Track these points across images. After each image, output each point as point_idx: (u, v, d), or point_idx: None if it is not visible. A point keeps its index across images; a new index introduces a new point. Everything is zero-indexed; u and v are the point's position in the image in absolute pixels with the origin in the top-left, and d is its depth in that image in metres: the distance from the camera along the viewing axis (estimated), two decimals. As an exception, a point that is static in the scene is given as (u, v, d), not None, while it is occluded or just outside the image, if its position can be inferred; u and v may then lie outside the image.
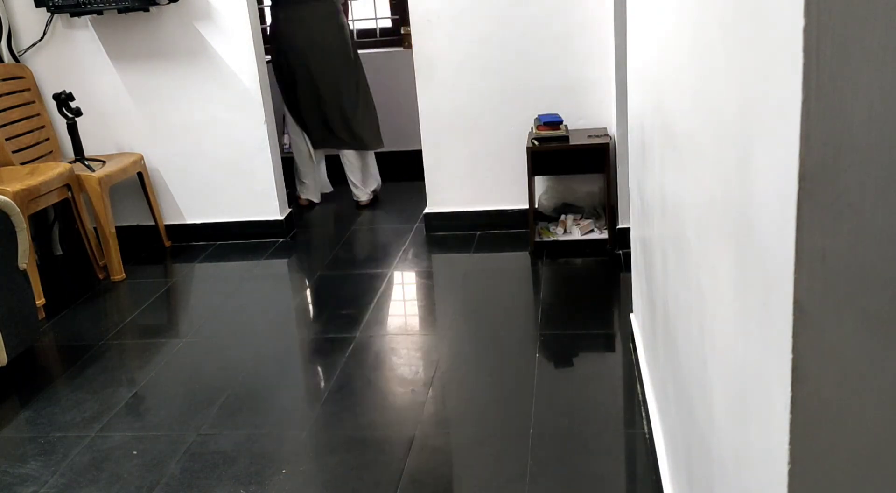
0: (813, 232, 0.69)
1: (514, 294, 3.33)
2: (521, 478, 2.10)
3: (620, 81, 3.30)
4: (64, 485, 2.24)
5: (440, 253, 3.81)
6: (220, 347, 3.00)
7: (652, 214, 2.00)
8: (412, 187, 4.41)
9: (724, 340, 1.09)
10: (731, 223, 0.99)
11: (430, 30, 3.72)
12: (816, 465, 0.75)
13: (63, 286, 3.74)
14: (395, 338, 3.00)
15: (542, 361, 2.70)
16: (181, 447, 2.37)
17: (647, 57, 1.97)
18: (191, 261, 3.94)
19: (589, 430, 2.30)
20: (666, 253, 1.75)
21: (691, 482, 1.52)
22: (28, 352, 3.02)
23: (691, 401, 1.46)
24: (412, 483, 2.13)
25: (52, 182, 3.44)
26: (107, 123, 4.02)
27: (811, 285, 0.70)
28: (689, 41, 1.28)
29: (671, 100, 1.54)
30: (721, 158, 1.04)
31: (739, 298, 0.96)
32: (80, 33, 3.91)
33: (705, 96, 1.15)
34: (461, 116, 3.81)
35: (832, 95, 0.65)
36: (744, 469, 0.99)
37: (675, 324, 1.66)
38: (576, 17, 3.59)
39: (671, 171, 1.60)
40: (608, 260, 3.50)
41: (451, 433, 2.38)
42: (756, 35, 0.81)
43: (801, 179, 0.68)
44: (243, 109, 3.91)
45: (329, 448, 2.33)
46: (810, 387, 0.73)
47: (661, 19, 1.64)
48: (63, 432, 2.50)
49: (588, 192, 3.78)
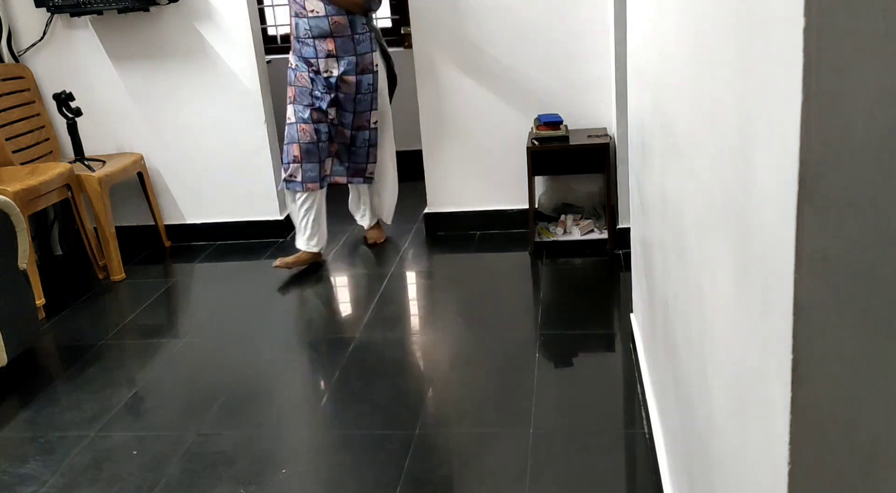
0: (813, 232, 0.69)
1: (514, 294, 3.33)
2: (521, 478, 2.10)
3: (620, 81, 3.30)
4: (64, 485, 2.24)
5: (440, 253, 3.81)
6: (220, 347, 3.00)
7: (652, 214, 2.00)
8: (412, 187, 4.41)
9: (724, 340, 1.09)
10: (731, 223, 0.99)
11: (430, 30, 3.72)
12: (816, 465, 0.75)
13: (63, 286, 3.74)
14: (395, 338, 3.00)
15: (542, 361, 2.70)
16: (181, 447, 2.37)
17: (647, 57, 1.97)
18: (191, 261, 3.94)
19: (589, 430, 2.29)
20: (666, 253, 1.75)
21: (691, 482, 1.52)
22: (28, 352, 3.02)
23: (691, 401, 1.46)
24: (412, 483, 2.13)
25: (52, 182, 3.44)
26: (107, 123, 4.02)
27: (811, 285, 0.70)
28: (690, 41, 1.27)
29: (671, 100, 1.54)
30: (721, 158, 1.04)
31: (739, 298, 0.96)
32: (80, 33, 3.91)
33: (705, 96, 1.15)
34: (461, 116, 3.81)
35: (832, 95, 0.65)
36: (744, 469, 0.99)
37: (675, 324, 1.66)
38: (576, 17, 3.59)
39: (671, 171, 1.60)
40: (608, 260, 3.50)
41: (451, 433, 2.38)
42: (756, 35, 0.81)
43: (801, 179, 0.68)
44: (243, 109, 3.91)
45: (329, 448, 2.33)
46: (810, 387, 0.73)
47: (662, 19, 1.64)
48: (63, 432, 2.50)
49: (588, 192, 3.78)
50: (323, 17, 3.32)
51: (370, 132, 3.59)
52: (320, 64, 3.40)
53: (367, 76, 3.46)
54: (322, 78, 3.42)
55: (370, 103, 3.52)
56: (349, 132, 3.57)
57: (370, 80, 3.48)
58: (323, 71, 3.41)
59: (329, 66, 3.40)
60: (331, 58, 3.39)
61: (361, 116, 3.53)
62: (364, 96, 3.49)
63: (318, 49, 3.38)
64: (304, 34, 3.38)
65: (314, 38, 3.36)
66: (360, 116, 3.54)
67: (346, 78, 3.42)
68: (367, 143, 3.62)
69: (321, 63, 3.40)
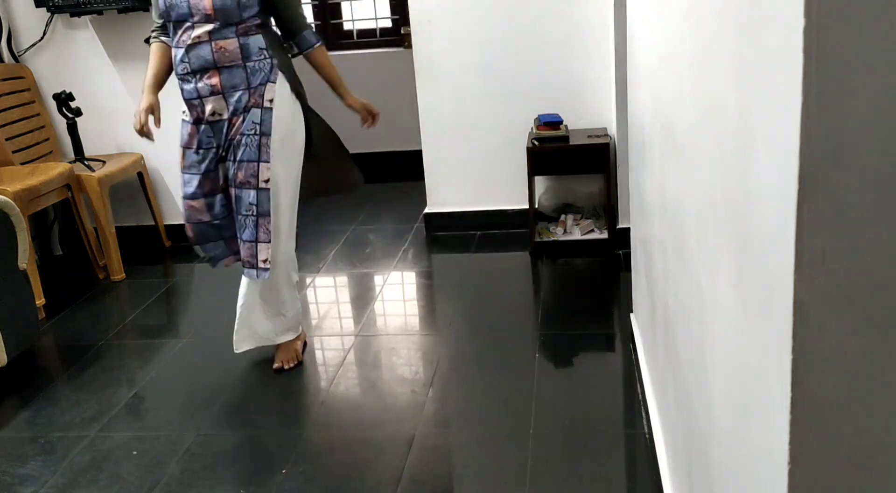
0: (813, 232, 0.69)
1: (514, 294, 3.33)
2: (521, 478, 2.10)
3: (620, 81, 3.30)
4: (64, 485, 2.24)
5: (440, 253, 3.81)
6: (221, 347, 3.00)
7: (652, 214, 2.00)
8: (412, 187, 4.41)
9: (724, 340, 1.09)
10: (731, 223, 0.99)
11: (430, 30, 3.71)
12: (816, 465, 0.75)
13: (63, 286, 3.74)
14: (395, 338, 3.00)
15: (542, 361, 2.70)
16: (181, 447, 2.37)
17: (647, 57, 1.97)
18: (191, 261, 3.94)
19: (589, 430, 2.29)
20: (666, 253, 1.75)
21: (691, 482, 1.52)
22: (28, 352, 3.02)
23: (691, 401, 1.46)
24: (412, 483, 2.13)
25: (52, 182, 3.44)
26: (107, 123, 4.02)
27: (811, 286, 0.70)
28: (690, 41, 1.27)
29: (671, 100, 1.54)
30: (721, 158, 1.04)
31: (739, 298, 0.96)
32: (80, 33, 3.91)
33: (705, 96, 1.15)
34: (461, 116, 3.81)
35: (832, 95, 0.65)
36: (744, 469, 0.99)
37: (675, 324, 1.66)
38: (576, 17, 3.59)
39: (671, 171, 1.60)
40: (608, 260, 3.50)
41: (451, 432, 2.38)
42: (756, 35, 0.81)
43: (801, 179, 0.68)
44: (243, 109, 3.91)
45: (329, 448, 2.33)
46: (810, 387, 0.73)
47: (662, 19, 1.64)
48: (63, 432, 2.50)
49: (588, 192, 3.78)
50: (205, 42, 2.45)
51: (258, 193, 2.53)
52: (205, 105, 2.53)
53: (254, 113, 2.50)
54: (206, 125, 2.56)
55: (257, 152, 2.51)
56: (233, 190, 2.59)
57: (257, 119, 2.50)
58: (208, 115, 2.54)
59: (214, 105, 2.52)
60: (215, 95, 2.50)
61: (245, 166, 2.53)
62: (248, 139, 2.51)
63: (200, 87, 2.51)
64: (181, 70, 2.52)
65: (194, 72, 2.50)
66: (244, 168, 2.53)
67: (234, 119, 2.53)
68: (255, 209, 2.55)
69: (205, 104, 2.52)
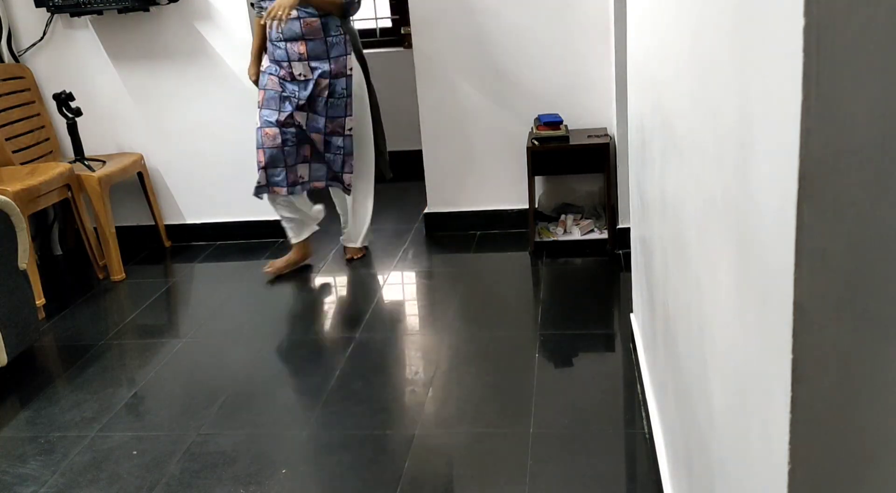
0: (813, 232, 0.69)
1: (514, 294, 3.33)
2: (521, 478, 2.10)
3: (620, 81, 3.30)
4: (64, 485, 2.24)
5: (440, 253, 3.81)
6: (220, 347, 3.00)
7: (652, 213, 2.00)
8: (412, 187, 4.41)
9: (724, 340, 1.09)
10: (731, 223, 0.99)
11: (430, 30, 3.72)
12: (816, 465, 0.75)
13: (63, 286, 3.74)
14: (394, 338, 3.00)
15: (542, 361, 2.70)
16: (181, 447, 2.37)
17: (647, 57, 1.97)
18: (191, 261, 3.94)
19: (589, 430, 2.29)
20: (666, 253, 1.75)
21: (691, 482, 1.52)
22: (28, 352, 3.02)
23: (691, 401, 1.46)
24: (412, 483, 2.13)
25: (52, 182, 3.44)
26: (107, 123, 4.02)
27: (811, 285, 0.70)
28: (689, 41, 1.27)
29: (671, 100, 1.54)
30: (721, 158, 1.04)
31: (739, 298, 0.96)
32: (80, 33, 3.91)
33: (705, 96, 1.15)
34: (461, 116, 3.81)
35: (832, 95, 0.65)
36: (744, 469, 0.99)
37: (675, 324, 1.66)
38: (576, 17, 3.59)
39: (671, 170, 1.60)
40: (608, 260, 3.50)
41: (451, 432, 2.38)
42: (756, 35, 0.81)
43: (801, 179, 0.68)
44: (243, 109, 3.91)
45: (329, 448, 2.33)
46: (810, 387, 0.73)
47: (661, 19, 1.64)
48: (63, 432, 2.50)
49: (588, 192, 3.78)
50: (295, 19, 3.24)
51: (344, 139, 3.44)
52: (293, 67, 3.32)
53: (341, 80, 3.36)
54: (293, 82, 3.34)
55: (344, 109, 3.40)
56: (322, 137, 3.45)
57: (343, 85, 3.37)
58: (295, 74, 3.33)
59: (301, 69, 3.32)
60: (302, 61, 3.30)
61: (335, 121, 3.41)
62: (337, 101, 3.38)
63: (290, 52, 3.30)
64: (275, 37, 3.31)
65: (286, 40, 3.29)
66: (334, 122, 3.41)
67: (320, 81, 3.33)
68: (343, 150, 3.47)
69: (293, 66, 3.32)
